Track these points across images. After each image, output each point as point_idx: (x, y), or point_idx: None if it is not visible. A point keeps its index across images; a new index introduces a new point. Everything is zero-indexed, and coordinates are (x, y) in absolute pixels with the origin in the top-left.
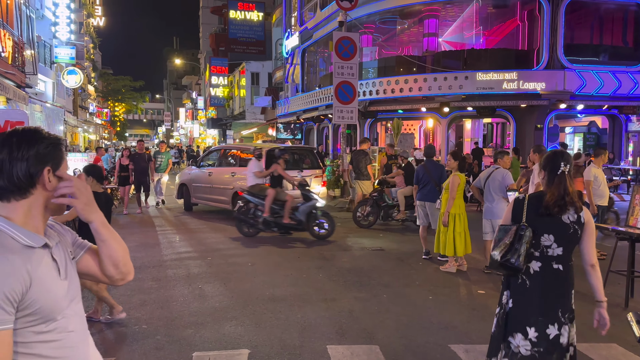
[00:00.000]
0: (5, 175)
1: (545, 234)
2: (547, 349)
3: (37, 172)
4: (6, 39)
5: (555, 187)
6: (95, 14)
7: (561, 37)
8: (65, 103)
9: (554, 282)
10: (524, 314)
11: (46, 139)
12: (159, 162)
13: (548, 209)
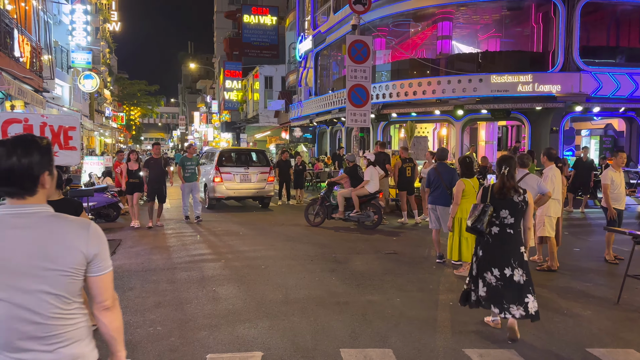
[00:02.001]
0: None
1: (503, 209)
2: (505, 284)
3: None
4: (24, 44)
5: (499, 181)
6: (111, 19)
7: (577, 39)
8: (81, 107)
9: (507, 241)
10: (489, 261)
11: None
12: (189, 171)
13: (496, 194)
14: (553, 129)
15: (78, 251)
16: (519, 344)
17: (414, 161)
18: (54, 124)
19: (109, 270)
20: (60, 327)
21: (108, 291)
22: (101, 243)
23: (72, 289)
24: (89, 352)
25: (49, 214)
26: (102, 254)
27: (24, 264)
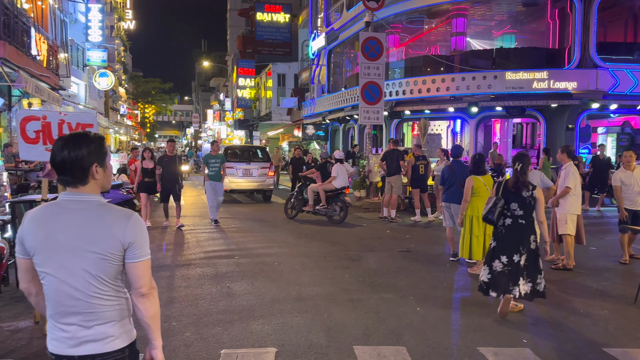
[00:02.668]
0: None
1: (513, 202)
2: (512, 269)
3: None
4: (41, 42)
5: (513, 176)
6: (125, 18)
7: (593, 35)
8: (97, 105)
9: (517, 231)
10: (499, 249)
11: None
12: (212, 169)
13: (511, 188)
14: (569, 126)
15: (116, 238)
16: (535, 343)
17: (427, 159)
18: (72, 121)
19: (145, 258)
20: (98, 306)
21: (144, 278)
22: (138, 232)
23: (109, 272)
24: (122, 334)
25: (98, 203)
26: (139, 243)
27: (71, 245)
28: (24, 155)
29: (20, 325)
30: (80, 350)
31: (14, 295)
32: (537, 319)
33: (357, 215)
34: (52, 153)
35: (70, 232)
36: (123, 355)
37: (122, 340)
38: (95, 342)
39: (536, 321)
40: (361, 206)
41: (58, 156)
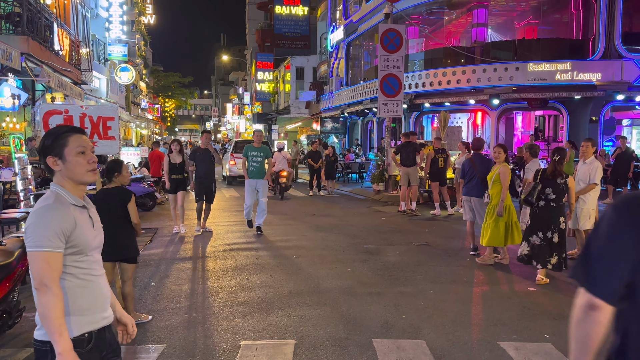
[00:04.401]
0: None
1: (548, 188)
2: (547, 243)
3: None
4: (64, 37)
5: (551, 165)
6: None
7: (619, 25)
8: (118, 99)
9: (550, 211)
10: (536, 226)
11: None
12: (253, 164)
13: (549, 176)
14: (592, 118)
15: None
16: (555, 337)
17: (447, 152)
18: (93, 115)
19: (32, 249)
20: (34, 289)
21: (32, 270)
22: (31, 222)
23: None
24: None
25: (49, 192)
26: (29, 232)
27: None
28: None
29: None
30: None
31: None
32: (558, 313)
33: (376, 208)
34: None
35: None
36: (44, 348)
37: (43, 334)
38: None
39: (558, 316)
40: (380, 199)
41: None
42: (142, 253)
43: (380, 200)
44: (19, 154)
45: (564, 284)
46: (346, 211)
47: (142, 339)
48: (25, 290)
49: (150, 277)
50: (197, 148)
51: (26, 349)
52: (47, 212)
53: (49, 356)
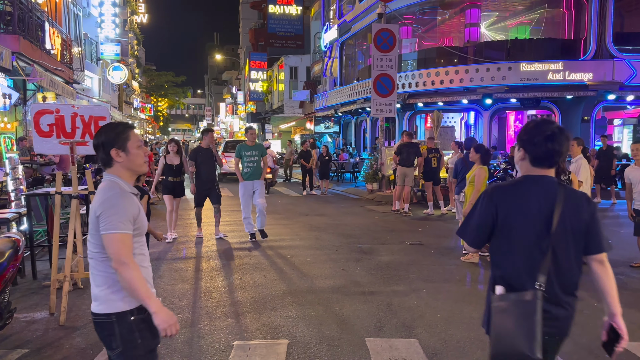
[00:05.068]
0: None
1: None
2: None
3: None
4: (55, 36)
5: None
6: (138, 11)
7: (610, 25)
8: (110, 98)
9: None
10: None
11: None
12: (249, 165)
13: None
14: (584, 118)
15: (93, 210)
16: None
17: (440, 151)
18: (85, 114)
19: (109, 232)
20: (93, 269)
21: (110, 250)
22: (106, 207)
23: (97, 240)
24: (108, 300)
25: (107, 181)
26: (104, 217)
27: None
28: (38, 149)
29: (36, 317)
30: (91, 307)
31: (29, 287)
32: None
33: (369, 208)
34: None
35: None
36: (108, 320)
37: (108, 307)
38: (94, 301)
39: None
40: (373, 199)
41: (92, 142)
42: None
43: (374, 200)
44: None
45: None
46: (340, 211)
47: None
48: (16, 291)
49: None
50: (199, 148)
51: (17, 350)
52: (119, 199)
53: (114, 326)
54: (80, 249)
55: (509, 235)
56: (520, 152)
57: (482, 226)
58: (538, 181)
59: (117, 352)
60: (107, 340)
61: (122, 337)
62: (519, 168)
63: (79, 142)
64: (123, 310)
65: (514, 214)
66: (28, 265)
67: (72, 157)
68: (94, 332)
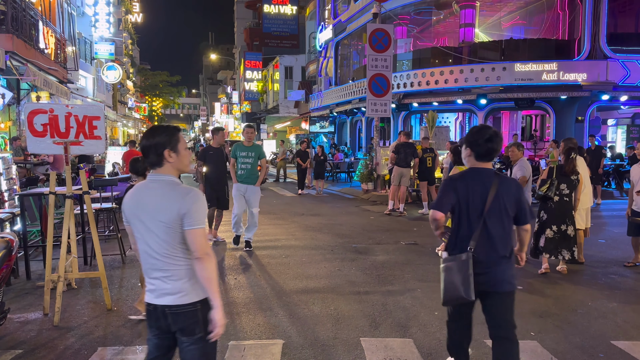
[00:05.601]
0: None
1: (563, 184)
2: (561, 236)
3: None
4: (49, 35)
5: (570, 163)
6: (133, 11)
7: (604, 26)
8: (105, 98)
9: (563, 206)
10: (550, 220)
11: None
12: (243, 166)
13: (567, 172)
14: (578, 118)
15: (175, 210)
16: (541, 334)
17: (435, 151)
18: (79, 114)
19: (196, 227)
20: (171, 265)
21: (196, 244)
22: (192, 204)
23: (174, 238)
24: (193, 290)
25: (168, 181)
26: (191, 214)
27: (149, 215)
28: (31, 149)
29: (30, 317)
30: (161, 301)
31: (23, 288)
32: (544, 312)
33: (365, 208)
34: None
35: (148, 204)
36: (194, 308)
37: (194, 296)
38: (171, 295)
39: (543, 314)
40: (368, 199)
41: (142, 144)
42: (130, 254)
43: (369, 200)
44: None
45: (549, 283)
46: (335, 210)
47: (129, 340)
48: (9, 291)
49: (137, 277)
50: (209, 147)
51: (11, 351)
52: (201, 196)
53: (199, 313)
54: (74, 249)
55: (460, 212)
56: (467, 150)
57: (449, 201)
58: (481, 172)
59: (198, 337)
60: (190, 328)
61: (204, 322)
62: (466, 163)
63: (73, 141)
64: (205, 297)
65: (465, 196)
66: (22, 265)
67: (66, 157)
68: (89, 333)
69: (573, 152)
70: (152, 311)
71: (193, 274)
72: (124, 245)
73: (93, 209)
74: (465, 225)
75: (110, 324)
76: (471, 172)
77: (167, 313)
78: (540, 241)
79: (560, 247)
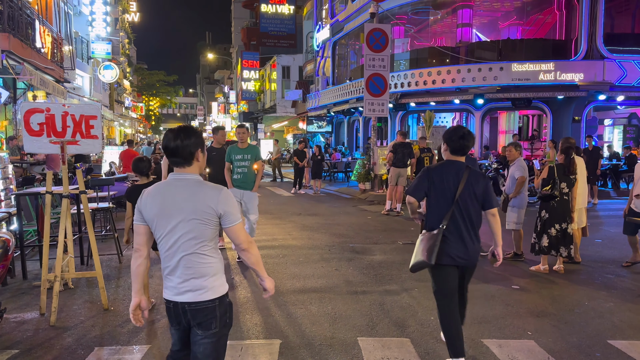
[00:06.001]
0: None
1: (563, 182)
2: (562, 234)
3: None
4: (46, 35)
5: (571, 162)
6: (130, 10)
7: (601, 26)
8: (101, 97)
9: (564, 205)
10: (552, 219)
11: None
12: (239, 170)
13: (568, 173)
14: (575, 118)
15: (210, 207)
16: (538, 334)
17: (432, 151)
18: (75, 113)
19: (237, 222)
20: (195, 263)
21: (239, 237)
22: (228, 204)
23: (206, 234)
24: (213, 287)
25: (196, 180)
26: (230, 211)
27: (182, 213)
28: (28, 148)
29: (26, 317)
30: (181, 298)
31: (19, 287)
32: (541, 311)
33: (362, 207)
34: (166, 140)
35: (179, 200)
36: (213, 305)
37: (213, 293)
38: (192, 291)
39: (540, 313)
40: (366, 199)
41: (172, 144)
42: (126, 254)
43: (366, 200)
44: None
45: (546, 282)
46: (332, 210)
47: (125, 340)
48: (6, 291)
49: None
50: (211, 147)
51: (7, 351)
52: (231, 193)
53: (216, 309)
54: (71, 249)
55: (436, 196)
56: (444, 145)
57: (422, 188)
58: (454, 163)
59: (213, 332)
60: (208, 323)
61: (220, 318)
62: (444, 156)
63: (70, 141)
64: (223, 294)
65: (440, 183)
66: (18, 265)
67: (63, 157)
68: (85, 333)
69: (572, 151)
70: (172, 308)
71: (216, 271)
72: (121, 244)
73: (90, 208)
74: (439, 207)
75: (107, 324)
76: (447, 163)
77: (186, 309)
78: (542, 240)
79: (560, 245)
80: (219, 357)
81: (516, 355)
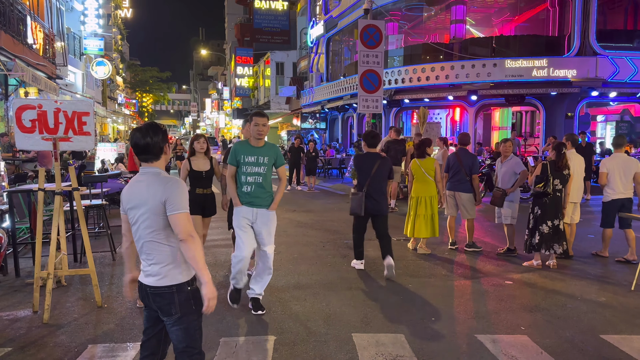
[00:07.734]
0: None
1: (556, 179)
2: (554, 231)
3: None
4: (37, 31)
5: (564, 160)
6: (122, 6)
7: (593, 23)
8: (94, 94)
9: (556, 201)
10: (544, 216)
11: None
12: (250, 180)
13: (558, 169)
14: (568, 114)
15: (158, 197)
16: (531, 329)
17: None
18: (68, 110)
19: (178, 212)
20: (153, 250)
21: (179, 227)
22: (172, 191)
23: (158, 223)
24: (170, 274)
25: (155, 172)
26: (172, 199)
27: (140, 203)
28: (20, 145)
29: (19, 315)
30: (145, 281)
31: (12, 285)
32: (534, 306)
33: None
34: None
35: (139, 194)
36: (170, 291)
37: (169, 280)
38: (152, 276)
39: (534, 309)
40: None
41: (142, 141)
42: (120, 251)
43: None
44: None
45: (539, 278)
46: (326, 207)
47: (119, 337)
48: None
49: None
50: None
51: (0, 349)
52: (179, 184)
53: (175, 296)
54: (64, 246)
55: (361, 173)
56: (363, 142)
57: (354, 169)
58: (371, 154)
59: (176, 317)
60: (167, 309)
61: (180, 304)
62: (363, 149)
63: (62, 137)
64: (182, 282)
65: (364, 165)
66: (10, 262)
67: (55, 153)
68: (79, 330)
69: (564, 147)
70: (140, 288)
71: (172, 259)
72: (115, 242)
73: (83, 205)
74: (362, 179)
75: (100, 321)
76: (367, 153)
77: (148, 292)
78: (534, 237)
79: (553, 242)
80: (194, 342)
81: (510, 350)
